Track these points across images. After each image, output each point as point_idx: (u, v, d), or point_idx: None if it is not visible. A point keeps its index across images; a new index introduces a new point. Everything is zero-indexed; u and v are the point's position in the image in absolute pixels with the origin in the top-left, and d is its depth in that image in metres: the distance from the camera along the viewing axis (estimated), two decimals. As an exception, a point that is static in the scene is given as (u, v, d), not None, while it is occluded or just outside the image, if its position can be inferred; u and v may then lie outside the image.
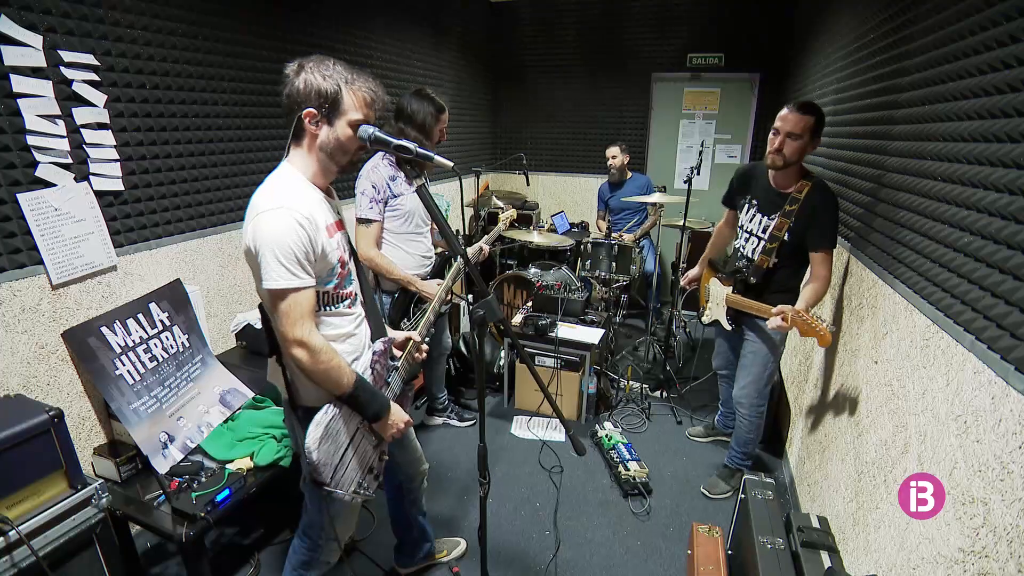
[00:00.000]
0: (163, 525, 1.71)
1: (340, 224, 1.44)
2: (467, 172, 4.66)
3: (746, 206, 2.29)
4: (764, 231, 2.18)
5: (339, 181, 3.47)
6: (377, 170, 2.25)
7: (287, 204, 1.21)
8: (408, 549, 2.06)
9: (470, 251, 2.67)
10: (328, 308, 1.40)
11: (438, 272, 2.55)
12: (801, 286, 2.22)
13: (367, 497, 1.47)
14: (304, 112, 1.24)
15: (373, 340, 1.53)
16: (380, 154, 2.28)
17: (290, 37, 2.89)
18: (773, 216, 2.13)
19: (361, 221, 2.27)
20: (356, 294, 1.50)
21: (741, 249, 2.33)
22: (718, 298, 2.46)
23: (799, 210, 2.05)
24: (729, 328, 2.42)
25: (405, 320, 2.38)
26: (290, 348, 1.26)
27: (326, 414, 1.36)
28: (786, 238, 2.09)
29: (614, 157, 4.22)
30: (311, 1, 3.01)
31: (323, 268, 1.32)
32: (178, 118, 2.29)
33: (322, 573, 1.68)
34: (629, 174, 4.32)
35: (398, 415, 1.46)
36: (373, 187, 2.23)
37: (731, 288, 2.36)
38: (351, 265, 1.46)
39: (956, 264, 1.33)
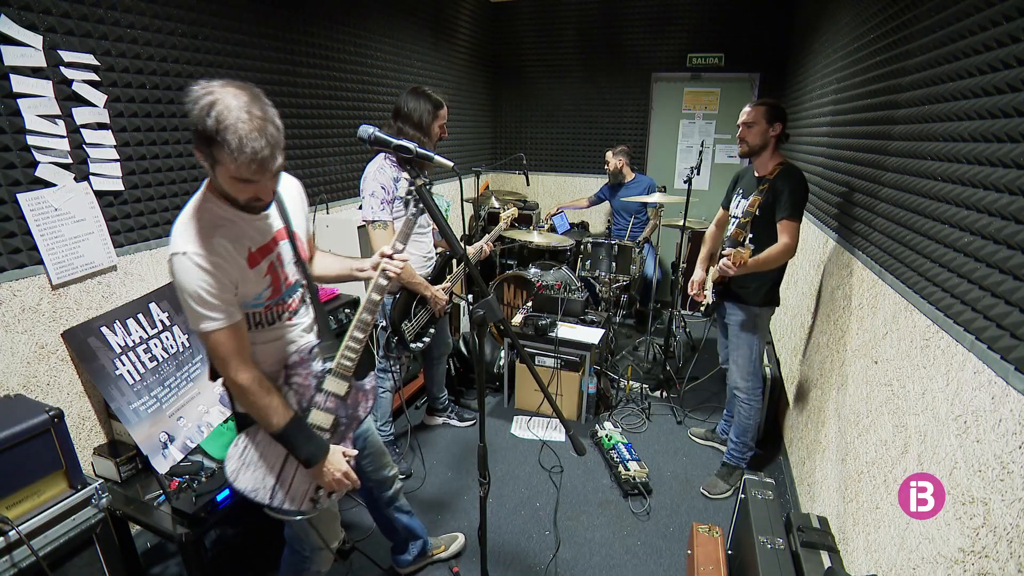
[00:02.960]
0: (163, 525, 1.71)
1: (279, 237, 1.33)
2: (467, 172, 4.67)
3: (736, 198, 2.53)
4: (742, 211, 2.42)
5: (341, 180, 3.49)
6: (383, 171, 2.24)
7: (190, 248, 1.15)
8: (400, 549, 2.05)
9: (470, 250, 2.68)
10: (261, 327, 1.35)
11: (439, 272, 2.55)
12: None
13: (319, 510, 1.40)
14: (194, 149, 1.12)
15: (320, 340, 1.46)
16: (382, 155, 2.28)
17: (290, 37, 2.89)
18: (749, 197, 2.38)
19: (374, 223, 2.25)
20: (300, 303, 1.43)
21: (727, 234, 2.52)
22: (709, 281, 2.63)
23: (768, 188, 2.30)
24: (713, 299, 2.56)
25: (407, 321, 2.38)
26: (226, 382, 1.28)
27: (236, 446, 1.33)
28: (757, 213, 2.32)
29: (607, 162, 4.33)
30: (311, 1, 3.01)
31: (250, 294, 1.27)
32: (178, 118, 2.29)
33: None
34: (631, 175, 4.29)
35: (335, 463, 1.35)
36: (382, 188, 2.22)
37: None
38: (294, 277, 1.39)
39: (956, 264, 1.33)
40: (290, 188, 1.42)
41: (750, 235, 2.36)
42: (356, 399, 1.44)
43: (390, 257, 1.42)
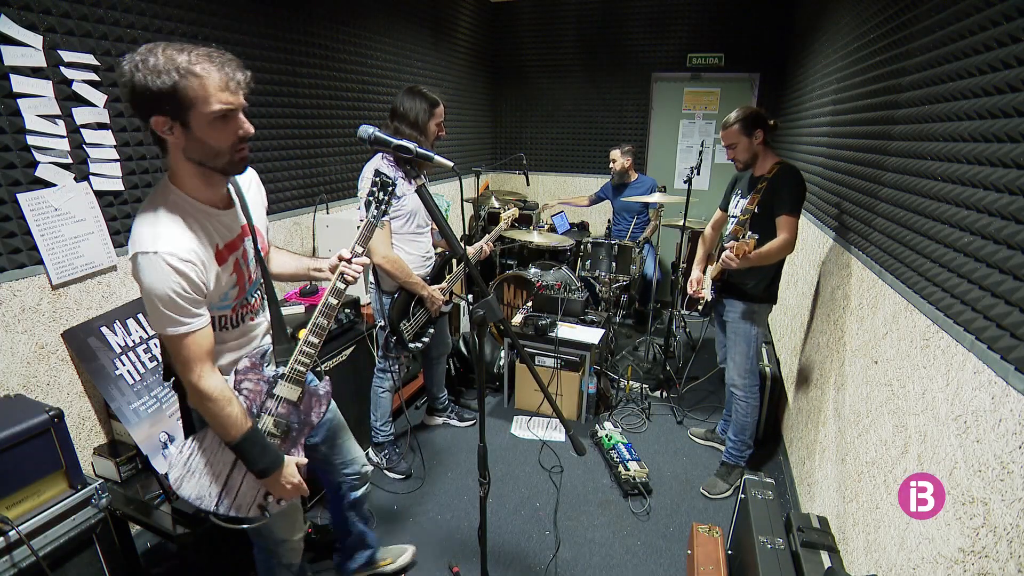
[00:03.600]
0: (163, 525, 1.71)
1: (244, 233, 1.30)
2: (467, 172, 4.67)
3: (734, 199, 2.57)
4: (741, 210, 2.46)
5: (341, 180, 3.49)
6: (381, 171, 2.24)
7: (162, 247, 1.08)
8: (347, 556, 1.97)
9: (470, 250, 2.68)
10: (226, 329, 1.31)
11: (438, 272, 2.55)
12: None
13: (268, 517, 1.36)
14: (152, 122, 1.06)
15: (275, 344, 1.40)
16: (379, 155, 2.28)
17: (289, 37, 2.89)
18: (748, 196, 2.42)
19: None
20: (261, 302, 1.40)
21: (726, 231, 2.56)
22: (708, 279, 2.65)
23: (767, 186, 2.32)
24: (711, 296, 2.58)
25: (404, 321, 2.38)
26: (186, 386, 1.21)
27: (181, 453, 1.28)
28: (757, 211, 2.35)
29: (614, 160, 4.19)
30: (311, 1, 3.01)
31: (216, 296, 1.22)
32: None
33: (295, 571, 1.63)
34: (635, 176, 4.24)
35: (287, 475, 1.32)
36: None
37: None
38: (256, 274, 1.35)
39: (956, 264, 1.33)
40: (250, 182, 1.37)
41: (749, 232, 2.38)
42: (309, 404, 1.41)
43: (348, 261, 1.38)
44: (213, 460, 1.31)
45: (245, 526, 1.36)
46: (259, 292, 1.39)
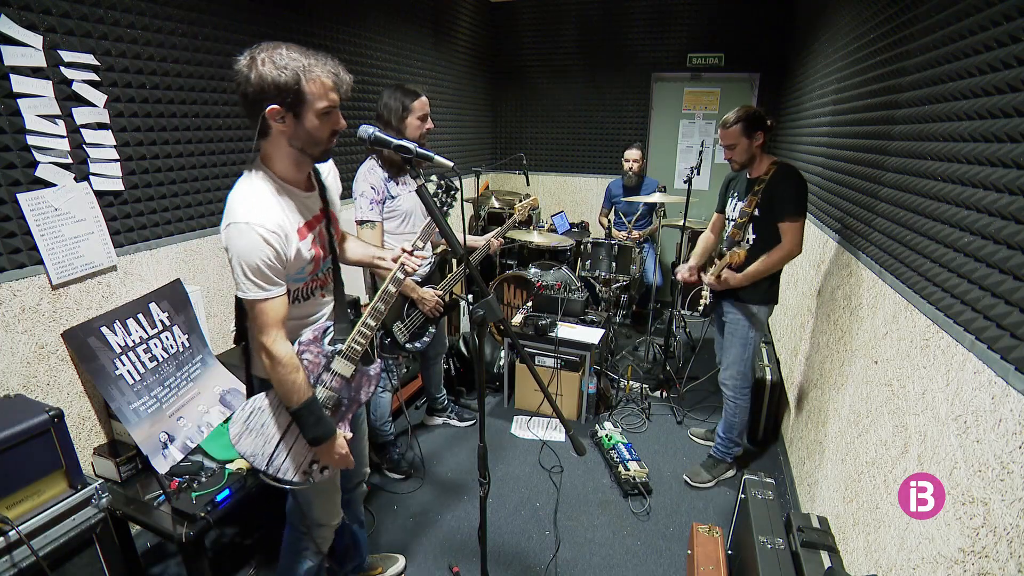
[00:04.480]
0: (163, 525, 1.71)
1: (321, 215, 1.41)
2: (467, 172, 4.67)
3: (731, 201, 2.52)
4: (739, 213, 2.43)
5: (341, 180, 3.48)
6: (374, 171, 2.25)
7: (254, 219, 1.21)
8: (336, 558, 1.94)
9: (479, 241, 2.67)
10: (298, 302, 1.42)
11: (433, 272, 2.54)
12: None
13: (311, 483, 1.46)
14: (267, 110, 1.18)
15: (336, 322, 1.48)
16: (370, 157, 2.29)
17: (290, 37, 2.89)
18: (746, 198, 2.39)
19: (363, 224, 2.25)
20: (328, 280, 1.50)
21: (724, 235, 2.55)
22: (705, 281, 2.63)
23: (765, 188, 2.30)
24: (711, 299, 2.55)
25: (399, 323, 2.37)
26: (257, 349, 1.33)
27: (243, 411, 1.38)
28: (755, 213, 2.33)
29: (636, 161, 4.09)
30: (311, 1, 3.01)
31: (294, 268, 1.34)
32: (178, 118, 2.29)
33: (318, 563, 1.65)
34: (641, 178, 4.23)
35: (337, 446, 1.42)
36: (372, 188, 2.23)
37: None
38: (327, 254, 1.45)
39: (956, 264, 1.33)
40: (327, 171, 1.49)
41: (752, 236, 2.37)
42: (360, 382, 1.49)
43: (410, 253, 1.49)
44: (270, 422, 1.40)
45: (288, 487, 1.44)
46: (328, 270, 1.48)
